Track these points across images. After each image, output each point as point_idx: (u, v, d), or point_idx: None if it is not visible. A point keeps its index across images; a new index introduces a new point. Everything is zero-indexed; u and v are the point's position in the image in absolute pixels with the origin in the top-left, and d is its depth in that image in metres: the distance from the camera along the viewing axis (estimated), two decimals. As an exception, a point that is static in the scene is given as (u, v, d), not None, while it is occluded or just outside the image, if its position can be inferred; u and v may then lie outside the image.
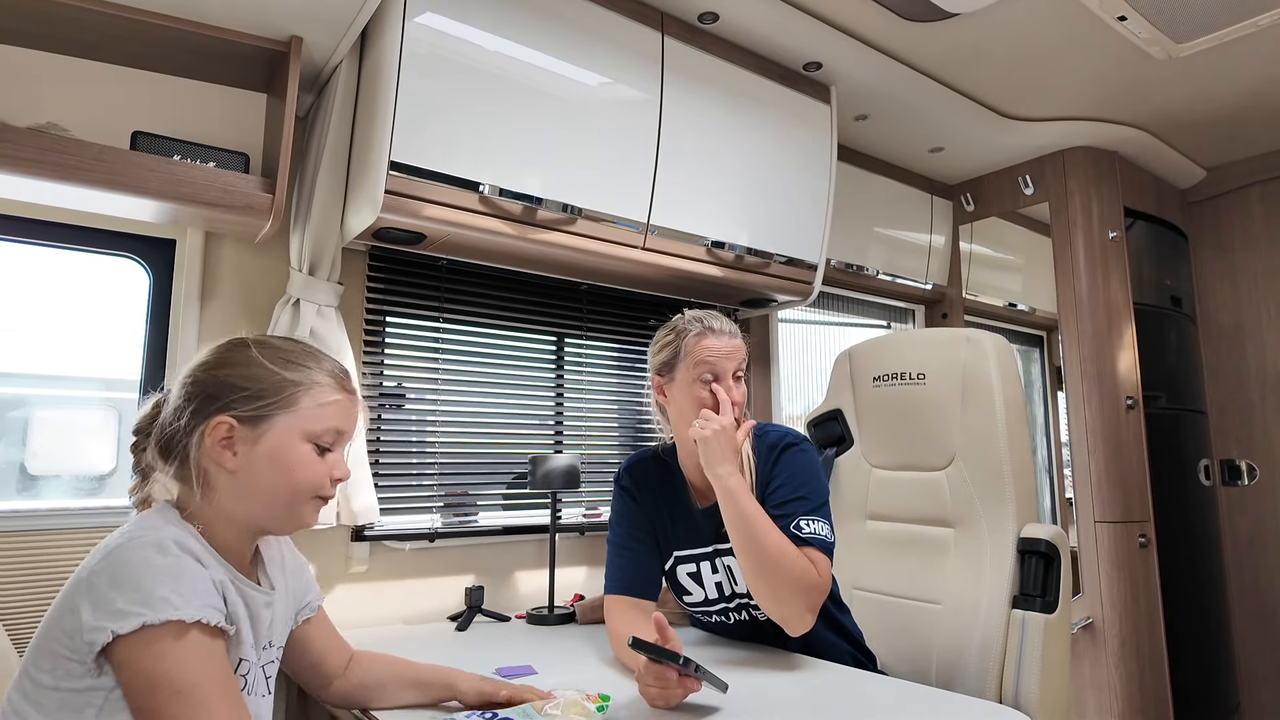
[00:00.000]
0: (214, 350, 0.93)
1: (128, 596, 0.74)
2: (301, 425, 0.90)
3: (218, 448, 0.87)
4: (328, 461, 0.93)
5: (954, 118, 2.37)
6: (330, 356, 0.98)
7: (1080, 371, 2.49)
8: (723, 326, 1.41)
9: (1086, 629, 2.37)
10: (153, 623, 0.74)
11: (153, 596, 0.75)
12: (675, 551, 1.46)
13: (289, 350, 0.94)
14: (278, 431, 0.89)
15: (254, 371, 0.90)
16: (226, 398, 0.88)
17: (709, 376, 1.37)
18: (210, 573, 0.82)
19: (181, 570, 0.78)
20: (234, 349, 0.93)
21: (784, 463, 1.37)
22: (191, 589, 0.78)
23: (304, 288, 1.57)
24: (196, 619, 0.77)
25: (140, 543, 0.78)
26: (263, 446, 0.88)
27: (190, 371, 0.92)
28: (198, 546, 0.84)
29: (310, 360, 0.94)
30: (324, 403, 0.92)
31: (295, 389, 0.91)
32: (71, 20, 1.34)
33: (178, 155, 1.38)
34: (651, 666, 1.06)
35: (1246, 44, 2.05)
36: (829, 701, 1.13)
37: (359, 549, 1.71)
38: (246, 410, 0.88)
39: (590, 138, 1.67)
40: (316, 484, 0.91)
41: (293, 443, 0.90)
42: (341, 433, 0.94)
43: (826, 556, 1.27)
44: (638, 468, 1.52)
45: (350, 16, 1.44)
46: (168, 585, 0.76)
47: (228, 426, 0.87)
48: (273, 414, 0.89)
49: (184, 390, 0.90)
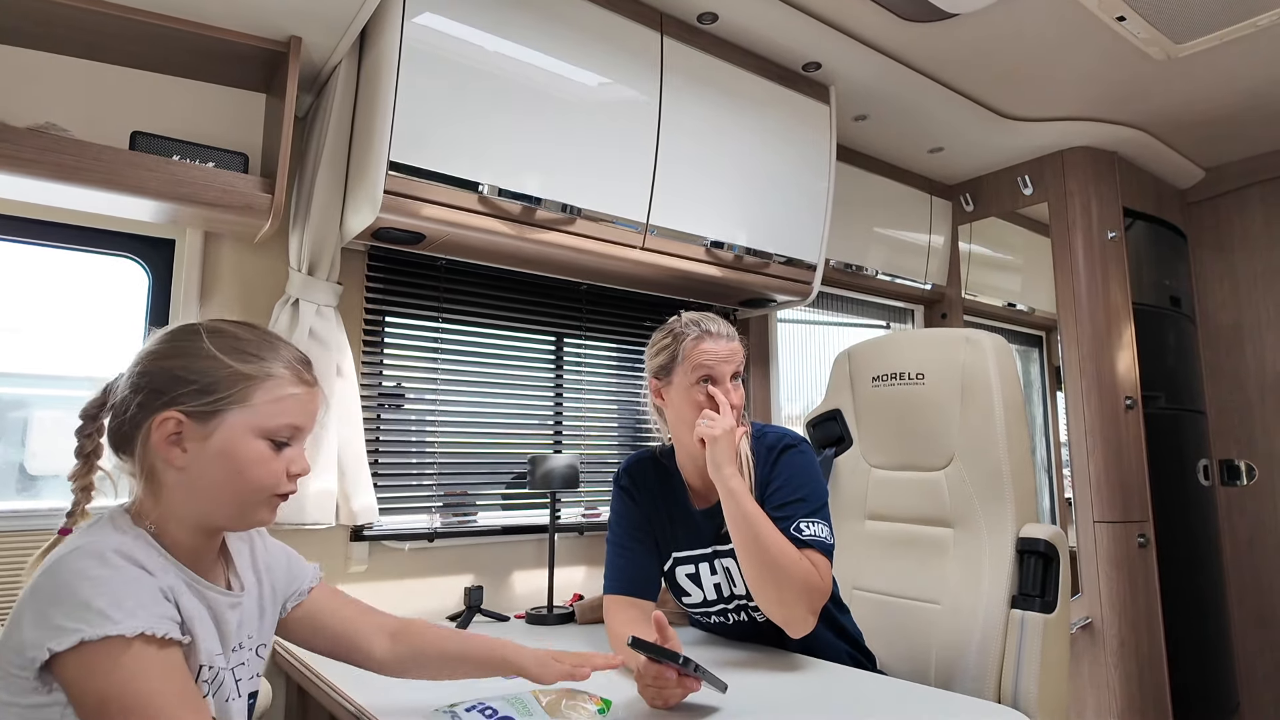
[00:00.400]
0: (164, 338, 0.87)
1: (64, 611, 0.70)
2: (255, 421, 0.84)
3: (165, 444, 0.82)
4: (284, 457, 0.87)
5: (953, 118, 2.37)
6: (290, 344, 0.91)
7: (1079, 371, 2.49)
8: (720, 329, 1.40)
9: (1085, 629, 2.37)
10: (91, 638, 0.69)
11: (89, 611, 0.70)
12: (674, 553, 1.46)
13: (244, 339, 0.87)
14: (229, 428, 0.83)
15: (204, 364, 0.84)
16: (174, 391, 0.82)
17: (708, 380, 1.36)
18: (159, 579, 0.78)
19: (122, 581, 0.74)
20: (185, 337, 0.86)
21: (783, 464, 1.37)
22: (135, 600, 0.73)
23: (303, 288, 1.57)
24: (140, 632, 0.72)
25: (80, 553, 0.74)
26: (213, 444, 0.83)
27: (139, 360, 0.86)
28: (146, 552, 0.80)
29: (266, 350, 0.87)
30: (280, 397, 0.86)
31: (248, 383, 0.85)
32: (71, 20, 1.34)
33: (177, 155, 1.38)
34: (651, 666, 1.06)
35: (1245, 44, 2.05)
36: (828, 702, 1.13)
37: (358, 549, 1.71)
38: (195, 405, 0.82)
39: (589, 138, 1.67)
40: (271, 483, 0.86)
41: (245, 440, 0.84)
42: (299, 428, 0.89)
43: (827, 558, 1.27)
44: (636, 468, 1.52)
45: (349, 17, 1.44)
46: (106, 598, 0.71)
47: (175, 422, 0.82)
48: (224, 409, 0.83)
49: (131, 381, 0.84)
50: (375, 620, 1.07)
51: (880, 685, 1.23)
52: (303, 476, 0.90)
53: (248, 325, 0.91)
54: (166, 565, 0.82)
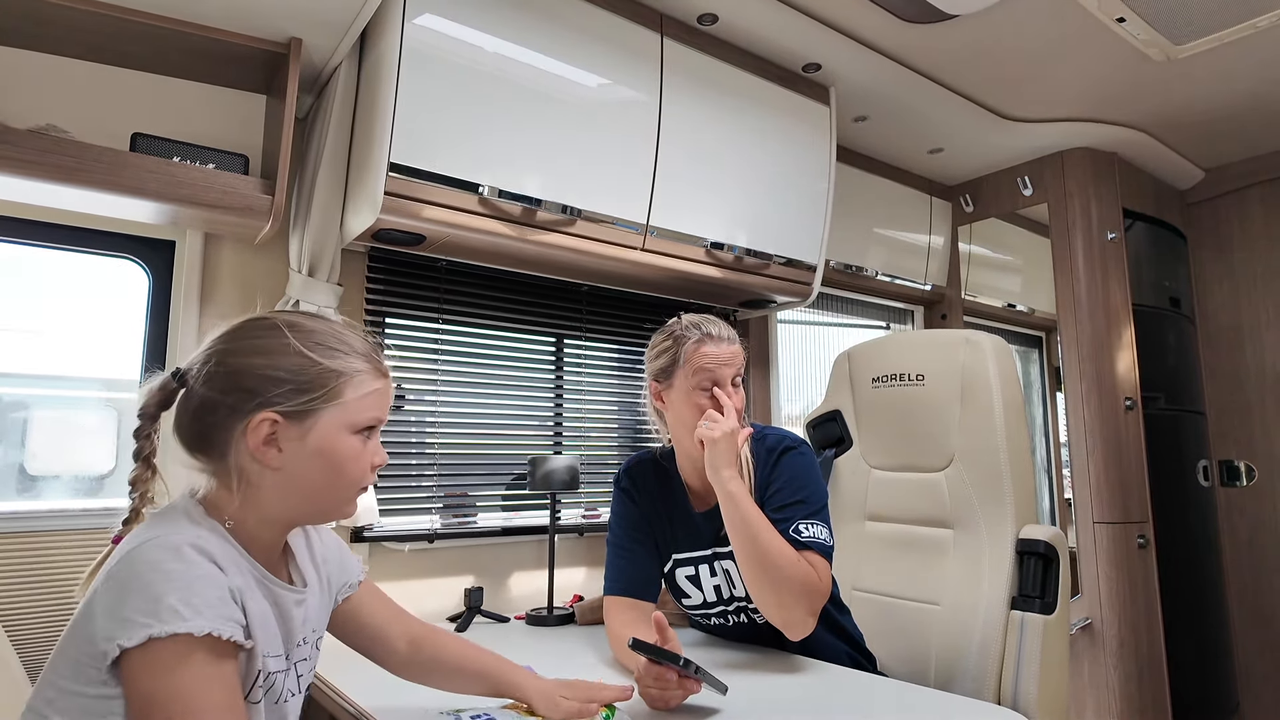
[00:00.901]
0: (242, 333, 0.85)
1: (135, 604, 0.70)
2: (347, 418, 0.84)
3: (261, 446, 0.81)
4: (369, 449, 0.88)
5: (953, 119, 2.37)
6: (357, 331, 0.91)
7: (1079, 372, 2.49)
8: (721, 332, 1.40)
9: (1085, 630, 2.37)
10: (159, 635, 0.69)
11: (161, 605, 0.70)
12: (674, 554, 1.46)
13: (324, 334, 0.86)
14: (324, 426, 0.83)
15: (294, 361, 0.82)
16: (268, 392, 0.81)
17: (709, 384, 1.36)
18: (230, 579, 0.77)
19: (195, 578, 0.73)
20: (266, 333, 0.84)
21: (782, 466, 1.37)
22: (204, 599, 0.72)
23: (303, 289, 1.57)
24: (207, 632, 0.71)
25: (156, 544, 0.73)
26: (310, 443, 0.82)
27: (218, 358, 0.83)
28: (221, 548, 0.79)
29: (345, 345, 0.87)
30: (367, 392, 0.86)
31: (339, 379, 0.84)
32: (71, 22, 1.34)
33: (177, 157, 1.38)
34: (651, 668, 1.07)
35: (1245, 45, 2.05)
36: (828, 703, 1.13)
37: (358, 550, 1.71)
38: (292, 405, 0.81)
39: (589, 139, 1.68)
40: (361, 476, 0.87)
41: (341, 437, 0.84)
42: (382, 420, 0.89)
43: (826, 560, 1.27)
44: (637, 470, 1.52)
45: (350, 18, 1.44)
46: (178, 594, 0.71)
47: (271, 423, 0.81)
48: (318, 408, 0.82)
49: (214, 379, 0.82)
50: (403, 624, 1.08)
51: (880, 686, 1.23)
52: (382, 467, 0.91)
53: (317, 317, 0.90)
54: (240, 561, 0.81)
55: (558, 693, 1.03)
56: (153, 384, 0.85)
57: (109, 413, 1.60)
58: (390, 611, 1.08)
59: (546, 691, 1.03)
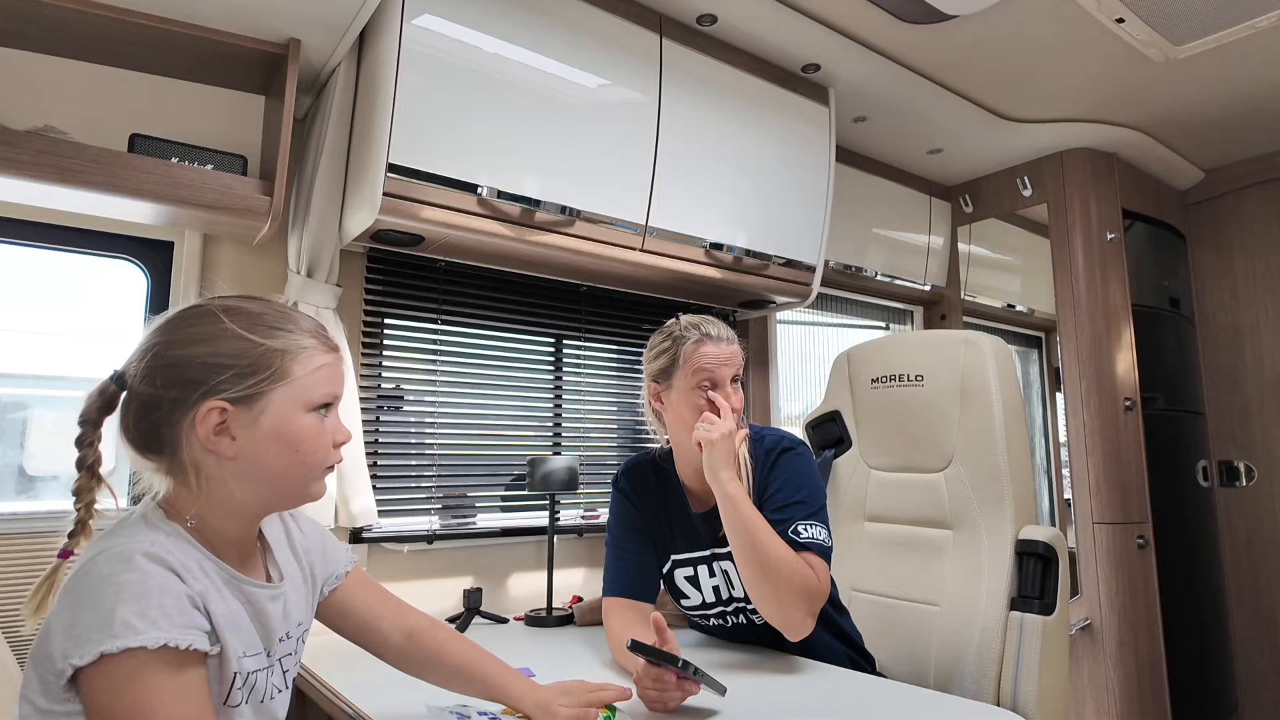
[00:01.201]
0: (177, 323, 0.81)
1: (87, 619, 0.68)
2: (299, 395, 0.82)
3: (213, 437, 0.78)
4: (329, 427, 0.85)
5: (952, 119, 2.37)
6: (304, 313, 0.89)
7: (1079, 373, 2.49)
8: (720, 333, 1.40)
9: (1085, 630, 2.37)
10: (111, 651, 0.66)
11: (113, 619, 0.67)
12: (673, 555, 1.46)
13: (263, 314, 0.84)
14: (276, 408, 0.80)
15: (234, 345, 0.80)
16: (211, 380, 0.78)
17: (707, 384, 1.36)
18: (190, 585, 0.74)
19: (148, 588, 0.70)
20: (203, 321, 0.81)
21: (781, 467, 1.37)
22: (159, 609, 0.70)
23: (302, 290, 1.57)
24: (162, 643, 0.69)
25: (107, 556, 0.71)
26: (264, 427, 0.80)
27: (153, 352, 0.80)
28: (182, 550, 0.76)
29: (289, 322, 0.85)
30: (316, 366, 0.84)
31: (283, 358, 0.81)
32: (69, 23, 1.34)
33: (175, 158, 1.38)
34: (650, 669, 1.07)
35: (1244, 46, 2.05)
36: (827, 704, 1.13)
37: (357, 551, 1.71)
38: (238, 391, 0.78)
39: (588, 140, 1.67)
40: (324, 455, 0.85)
41: (295, 416, 0.82)
42: (337, 395, 0.87)
43: (825, 561, 1.28)
44: (635, 471, 1.52)
45: (348, 19, 1.44)
46: (131, 605, 0.68)
47: (220, 411, 0.78)
48: (267, 390, 0.80)
49: (153, 375, 0.79)
50: (400, 615, 1.05)
51: (879, 687, 1.23)
52: (346, 444, 0.88)
53: (256, 299, 0.87)
54: (204, 562, 0.79)
55: (555, 701, 1.00)
56: (93, 389, 0.81)
57: (108, 413, 1.59)
58: (383, 602, 1.05)
59: (544, 703, 1.00)
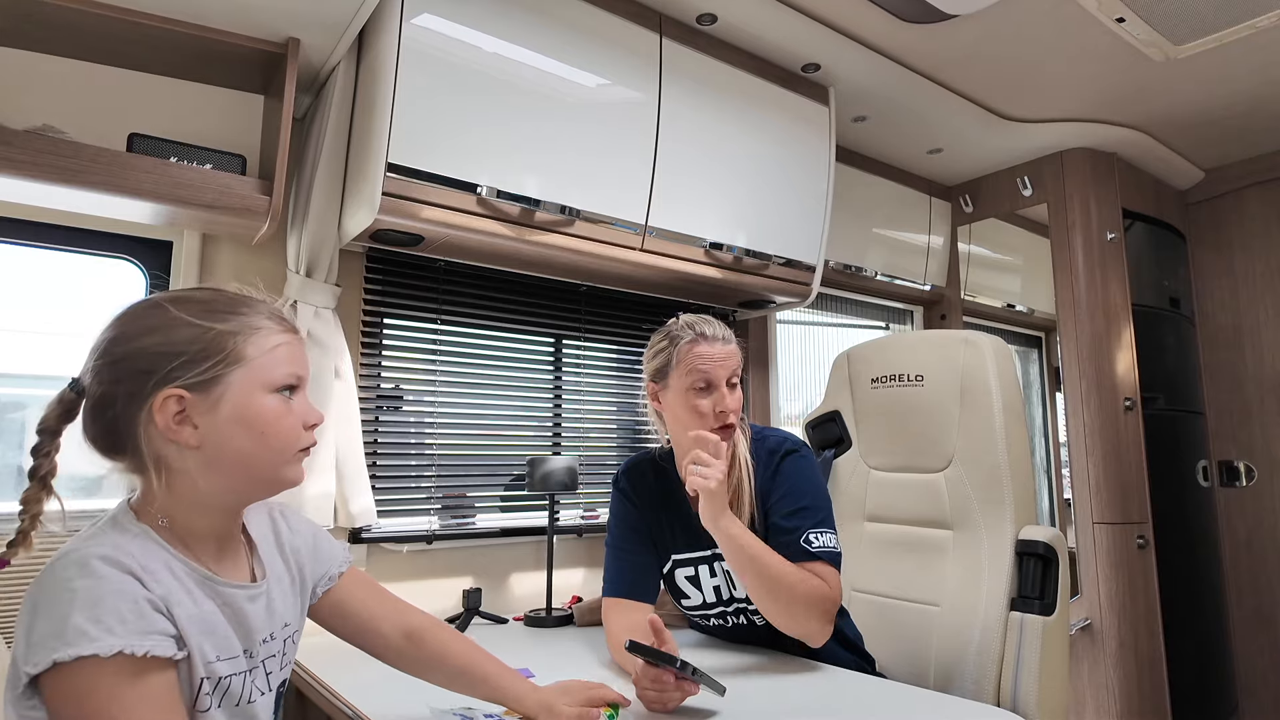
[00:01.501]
0: (124, 319, 0.80)
1: (42, 627, 0.66)
2: (258, 376, 0.79)
3: (172, 426, 0.76)
4: (296, 409, 0.83)
5: (952, 119, 2.37)
6: (262, 298, 0.86)
7: (1079, 373, 2.49)
8: (716, 332, 1.39)
9: (1085, 630, 2.37)
10: (64, 659, 0.65)
11: (66, 627, 0.65)
12: (673, 555, 1.46)
13: (213, 300, 0.81)
14: (236, 391, 0.78)
15: (184, 333, 0.77)
16: (163, 368, 0.76)
17: (702, 385, 1.35)
18: (152, 589, 0.72)
19: (104, 594, 0.68)
20: (149, 313, 0.79)
21: (786, 471, 1.36)
22: (115, 615, 0.67)
23: (301, 290, 1.56)
24: (116, 650, 0.66)
25: (65, 561, 0.69)
26: (224, 412, 0.77)
27: (103, 350, 0.78)
28: (148, 552, 0.74)
29: (241, 306, 0.82)
30: (273, 345, 0.81)
31: (236, 339, 0.79)
32: (68, 22, 1.34)
33: (174, 157, 1.38)
34: (649, 670, 1.06)
35: (1244, 45, 2.05)
36: (826, 704, 1.13)
37: (356, 551, 1.70)
38: (192, 376, 0.76)
39: (588, 139, 1.67)
40: (294, 437, 0.82)
41: (256, 398, 0.79)
42: (301, 376, 0.84)
43: (836, 568, 1.28)
44: (635, 471, 1.52)
45: (347, 18, 1.43)
46: (85, 612, 0.66)
47: (177, 399, 0.76)
48: (223, 373, 0.77)
49: (105, 373, 0.77)
50: (399, 615, 1.03)
51: (879, 688, 1.23)
52: (318, 425, 0.86)
53: (206, 288, 0.85)
54: (172, 563, 0.77)
55: (558, 701, 0.99)
56: (52, 399, 0.80)
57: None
58: (381, 602, 1.03)
59: (547, 703, 0.99)
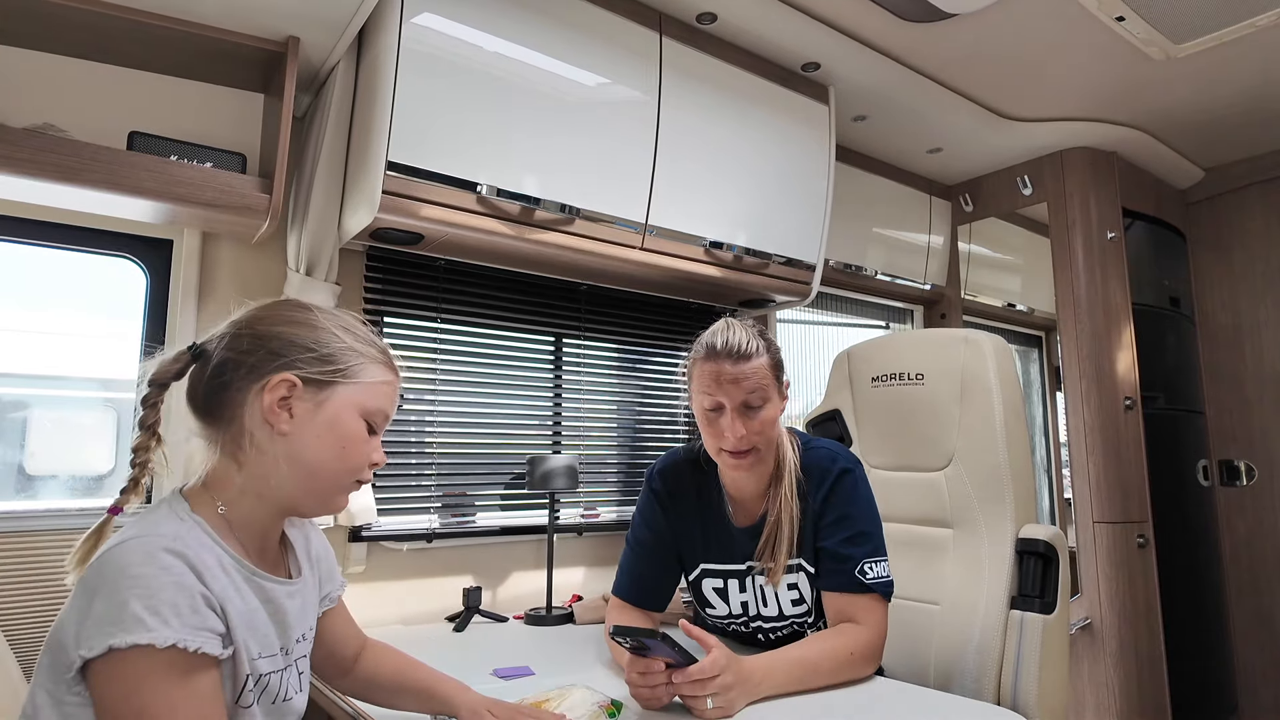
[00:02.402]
0: (270, 306, 0.87)
1: (99, 610, 0.67)
2: (361, 399, 0.85)
3: (275, 407, 0.81)
4: (371, 443, 0.88)
5: (952, 118, 2.37)
6: (384, 342, 0.93)
7: (1079, 372, 2.49)
8: (729, 347, 1.23)
9: (1085, 629, 2.37)
10: (119, 646, 0.66)
11: (125, 613, 0.66)
12: (703, 564, 1.39)
13: (347, 320, 0.89)
14: (339, 401, 0.84)
15: (320, 335, 0.85)
16: (292, 355, 0.82)
17: (710, 406, 1.25)
18: (208, 584, 0.73)
19: (164, 584, 0.69)
20: (295, 308, 0.87)
21: (840, 493, 1.29)
22: (172, 607, 0.69)
23: (301, 288, 1.56)
24: (171, 643, 0.68)
25: (128, 547, 0.70)
26: (322, 413, 0.83)
27: (246, 324, 0.84)
28: (202, 547, 0.76)
29: (366, 336, 0.89)
30: (383, 380, 0.88)
31: (359, 360, 0.86)
32: (68, 20, 1.34)
33: (174, 156, 1.38)
34: (636, 662, 1.05)
35: (1244, 44, 2.04)
36: (827, 702, 1.13)
37: (356, 549, 1.71)
38: (312, 371, 0.82)
39: (588, 138, 1.67)
40: (360, 464, 0.86)
41: (351, 416, 0.85)
42: (388, 416, 0.90)
43: (887, 600, 1.25)
44: (672, 471, 1.42)
45: (347, 17, 1.44)
46: (144, 600, 0.67)
47: (289, 385, 0.81)
48: (338, 381, 0.84)
49: (240, 341, 0.83)
50: (358, 640, 1.07)
51: (879, 686, 1.23)
52: (379, 467, 0.91)
53: (351, 313, 0.92)
54: (224, 559, 0.79)
55: (485, 707, 1.01)
56: (167, 355, 0.84)
57: (108, 413, 1.59)
58: (351, 626, 1.07)
59: (474, 706, 1.01)
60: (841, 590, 1.26)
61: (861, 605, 1.24)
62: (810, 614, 1.34)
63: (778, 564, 1.29)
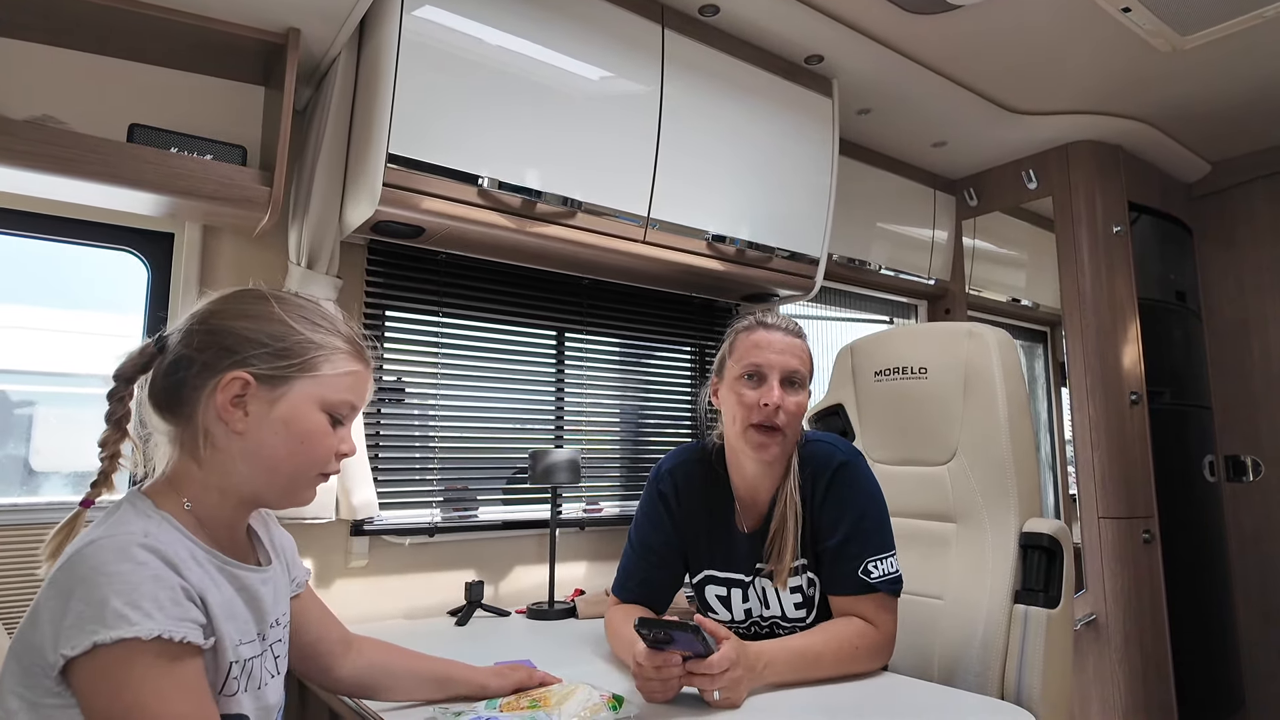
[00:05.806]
0: (228, 299, 0.85)
1: (78, 610, 0.67)
2: (320, 393, 0.84)
3: (229, 405, 0.80)
4: (337, 435, 0.86)
5: (957, 111, 2.35)
6: (351, 323, 0.91)
7: (1084, 367, 2.47)
8: (777, 321, 1.30)
9: (1090, 625, 2.36)
10: (104, 642, 0.66)
11: (105, 610, 0.66)
12: (706, 570, 1.37)
13: (309, 309, 0.87)
14: (295, 396, 0.82)
15: (276, 328, 0.83)
16: (245, 352, 0.81)
17: (752, 372, 1.26)
18: (185, 576, 0.73)
19: (142, 579, 0.69)
20: (252, 300, 0.85)
21: (840, 486, 1.28)
22: (153, 600, 0.69)
23: (302, 282, 1.56)
24: (156, 635, 0.68)
25: (100, 546, 0.70)
26: (278, 410, 0.81)
27: (200, 319, 0.83)
28: (173, 541, 0.76)
29: (329, 323, 0.87)
30: (345, 371, 0.86)
31: (318, 352, 0.84)
32: (69, 12, 1.34)
33: (175, 148, 1.38)
34: (654, 656, 1.03)
35: (1252, 36, 2.03)
36: (830, 697, 1.12)
37: (358, 543, 1.71)
38: (266, 368, 0.81)
39: (590, 131, 1.66)
40: (323, 458, 0.85)
41: (309, 410, 0.83)
42: (355, 407, 0.88)
43: (895, 597, 1.24)
44: (682, 472, 1.39)
45: (348, 8, 1.43)
46: (124, 596, 0.67)
47: (242, 383, 0.80)
48: (293, 376, 0.82)
49: (193, 339, 0.82)
50: (337, 631, 1.06)
51: (882, 681, 1.22)
52: (349, 457, 0.89)
53: (308, 298, 0.91)
54: (196, 552, 0.78)
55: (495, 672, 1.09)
56: (133, 349, 0.85)
57: (110, 407, 1.59)
58: (325, 616, 1.06)
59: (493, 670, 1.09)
60: (846, 593, 1.25)
61: (868, 606, 1.23)
62: (813, 616, 1.32)
63: (783, 565, 1.28)
